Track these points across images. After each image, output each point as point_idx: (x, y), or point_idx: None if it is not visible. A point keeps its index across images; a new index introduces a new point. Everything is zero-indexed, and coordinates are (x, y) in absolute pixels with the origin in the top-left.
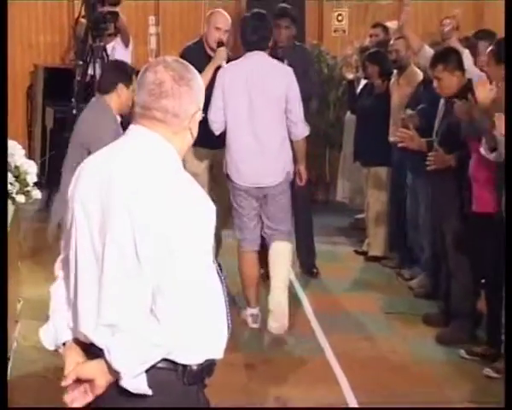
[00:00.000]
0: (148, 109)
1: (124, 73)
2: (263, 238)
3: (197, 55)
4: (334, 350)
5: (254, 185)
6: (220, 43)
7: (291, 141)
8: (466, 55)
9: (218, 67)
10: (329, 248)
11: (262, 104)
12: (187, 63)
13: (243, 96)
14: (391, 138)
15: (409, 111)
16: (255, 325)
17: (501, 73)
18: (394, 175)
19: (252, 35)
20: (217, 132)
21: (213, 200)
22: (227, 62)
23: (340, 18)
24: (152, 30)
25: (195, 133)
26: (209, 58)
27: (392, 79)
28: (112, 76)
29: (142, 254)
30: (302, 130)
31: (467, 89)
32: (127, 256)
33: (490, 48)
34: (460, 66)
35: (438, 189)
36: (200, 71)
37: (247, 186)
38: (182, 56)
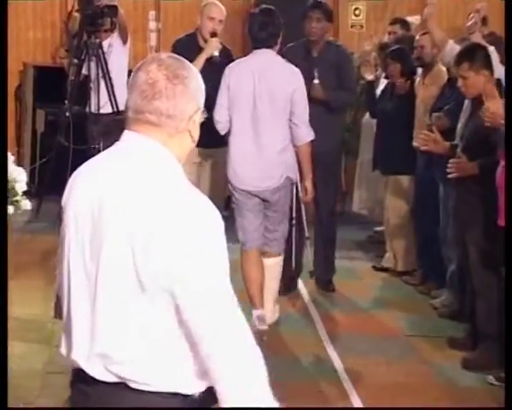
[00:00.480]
0: (141, 113)
1: None
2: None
3: (188, 48)
4: (349, 375)
5: (251, 189)
6: (213, 34)
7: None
8: (492, 53)
9: (218, 65)
10: (346, 264)
11: (266, 105)
12: (183, 59)
13: (248, 95)
14: (415, 143)
15: (435, 114)
16: (264, 327)
17: None
18: (418, 184)
19: (259, 32)
20: (222, 132)
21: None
22: (220, 54)
23: (357, 12)
24: (152, 26)
25: (196, 136)
26: (201, 50)
27: (418, 79)
28: None
29: (144, 274)
30: (305, 134)
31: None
32: (125, 279)
33: None
34: (487, 64)
35: (460, 198)
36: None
37: (244, 189)
38: (173, 50)
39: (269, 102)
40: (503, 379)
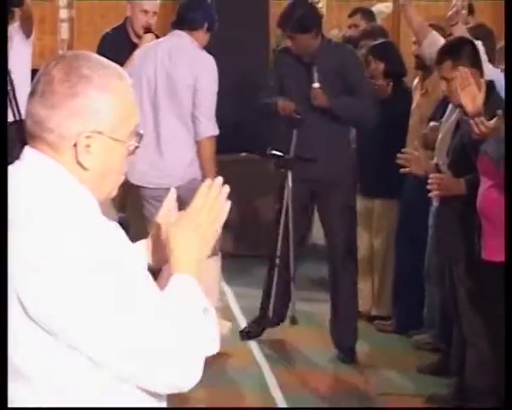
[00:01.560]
0: (40, 123)
1: None
2: None
3: (119, 44)
4: None
5: (147, 185)
6: (147, 29)
7: None
8: (479, 49)
9: None
10: (305, 308)
11: (166, 94)
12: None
13: (149, 83)
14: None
15: (432, 124)
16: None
17: None
18: (405, 210)
19: (183, 11)
20: None
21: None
22: None
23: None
24: (63, 14)
25: (88, 164)
26: (134, 47)
27: (415, 83)
28: None
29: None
30: (205, 128)
31: (487, 96)
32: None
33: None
34: (475, 62)
35: (443, 224)
36: (123, 62)
37: (140, 185)
38: (100, 47)
39: (169, 90)
40: None
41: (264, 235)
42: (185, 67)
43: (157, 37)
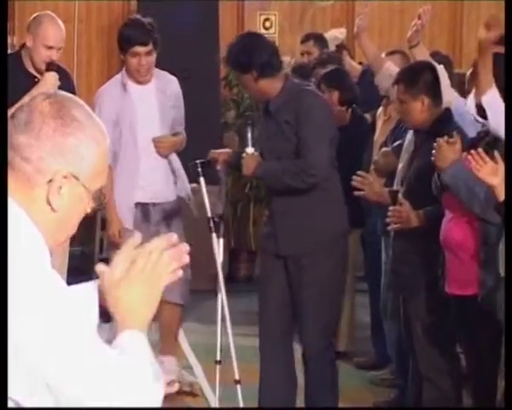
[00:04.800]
0: (17, 150)
1: None
2: None
3: (12, 72)
4: None
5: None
6: (50, 65)
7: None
8: (440, 72)
9: None
10: (254, 343)
11: None
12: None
13: None
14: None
15: (383, 149)
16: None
17: None
18: (370, 241)
19: None
20: None
21: None
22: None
23: (267, 24)
24: None
25: (56, 205)
26: (29, 77)
27: (379, 110)
28: None
29: None
30: None
31: (444, 123)
32: None
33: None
34: (432, 89)
35: (399, 256)
36: (17, 95)
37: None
38: None
39: None
40: None
41: (215, 269)
42: None
43: (59, 69)
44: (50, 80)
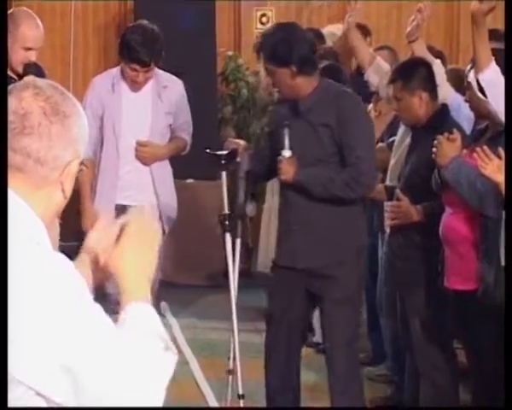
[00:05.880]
0: (30, 157)
1: None
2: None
3: None
4: None
5: None
6: (28, 66)
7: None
8: (437, 68)
9: None
10: (252, 339)
11: None
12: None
13: None
14: None
15: (378, 145)
16: None
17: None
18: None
19: None
20: None
21: None
22: None
23: (264, 19)
24: None
25: (69, 192)
26: (5, 78)
27: (369, 107)
28: None
29: None
30: None
31: (441, 117)
32: None
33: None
34: (428, 85)
35: (396, 252)
36: None
37: None
38: None
39: None
40: None
41: (211, 265)
42: None
43: (37, 69)
44: None
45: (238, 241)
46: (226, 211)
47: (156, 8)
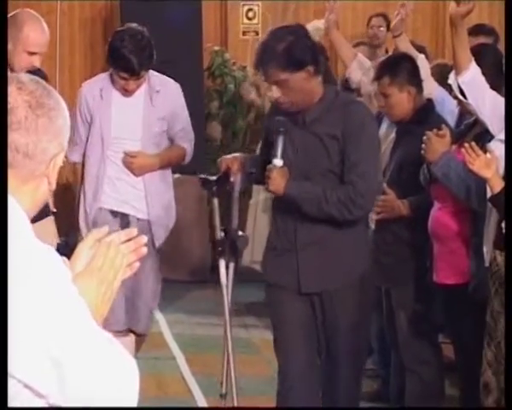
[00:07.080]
0: (20, 152)
1: None
2: None
3: None
4: None
5: None
6: (31, 72)
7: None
8: (421, 62)
9: None
10: (238, 333)
11: None
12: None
13: None
14: None
15: None
16: None
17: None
18: None
19: None
20: None
21: None
22: None
23: (250, 14)
24: None
25: (54, 183)
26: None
27: None
28: None
29: None
30: None
31: (426, 112)
32: None
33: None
34: (413, 79)
35: (381, 247)
36: None
37: None
38: None
39: None
40: None
41: (198, 260)
42: None
43: (41, 75)
44: None
45: (232, 265)
46: (219, 237)
47: (142, 3)
